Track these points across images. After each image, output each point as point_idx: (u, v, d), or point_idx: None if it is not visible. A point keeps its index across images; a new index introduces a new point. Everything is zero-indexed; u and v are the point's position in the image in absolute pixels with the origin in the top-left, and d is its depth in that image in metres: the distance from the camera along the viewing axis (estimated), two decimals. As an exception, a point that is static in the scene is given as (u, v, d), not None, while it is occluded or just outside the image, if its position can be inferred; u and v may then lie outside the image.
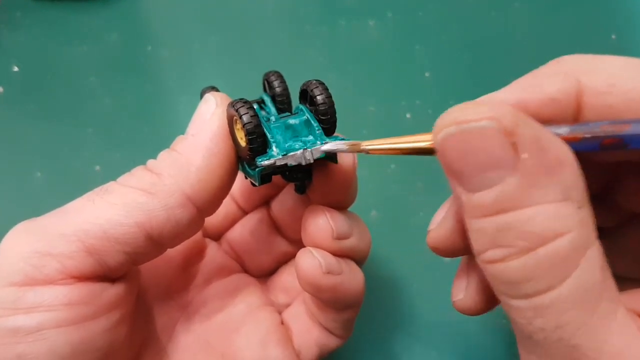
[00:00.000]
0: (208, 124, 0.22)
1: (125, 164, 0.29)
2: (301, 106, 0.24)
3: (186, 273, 0.28)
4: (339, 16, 0.48)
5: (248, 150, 0.22)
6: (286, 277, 0.29)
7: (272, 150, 0.22)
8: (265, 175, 0.23)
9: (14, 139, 0.43)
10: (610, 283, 0.16)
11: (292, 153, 0.22)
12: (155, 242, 0.21)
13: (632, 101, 0.17)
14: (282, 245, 0.29)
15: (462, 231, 0.20)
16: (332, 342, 0.27)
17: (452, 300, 0.23)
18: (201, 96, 0.25)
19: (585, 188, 0.16)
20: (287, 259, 0.30)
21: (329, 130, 0.23)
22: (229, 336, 0.27)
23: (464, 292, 0.22)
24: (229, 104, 0.23)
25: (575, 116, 0.18)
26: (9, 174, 0.41)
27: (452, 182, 0.17)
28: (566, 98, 0.18)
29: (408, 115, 0.43)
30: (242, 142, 0.22)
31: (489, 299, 0.22)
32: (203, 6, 0.49)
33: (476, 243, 0.17)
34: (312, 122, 0.23)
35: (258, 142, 0.22)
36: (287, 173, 0.24)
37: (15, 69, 0.46)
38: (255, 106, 0.24)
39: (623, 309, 0.16)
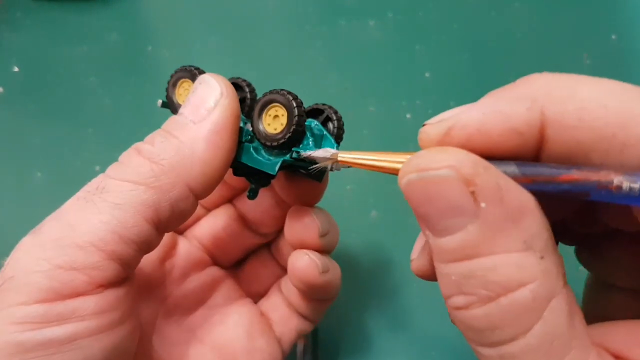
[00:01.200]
0: (214, 114, 0.21)
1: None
2: (315, 121, 0.24)
3: (162, 268, 0.28)
4: (339, 16, 0.48)
5: (282, 138, 0.22)
6: (256, 267, 0.31)
7: (309, 144, 0.22)
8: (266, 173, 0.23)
9: (14, 139, 0.43)
10: (581, 329, 0.16)
11: (325, 150, 0.22)
12: (161, 231, 0.21)
13: (602, 139, 0.16)
14: (250, 238, 0.30)
15: None
16: (308, 327, 0.30)
17: (411, 259, 0.23)
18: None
19: (550, 235, 0.16)
20: (254, 248, 0.31)
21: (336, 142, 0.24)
22: (215, 329, 0.28)
23: (417, 253, 0.22)
24: (271, 92, 0.22)
25: (539, 148, 0.18)
26: (9, 174, 0.41)
27: (420, 225, 0.17)
28: (530, 131, 0.17)
29: (408, 116, 0.43)
30: (272, 129, 0.22)
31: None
32: (203, 6, 0.49)
33: (443, 287, 0.17)
34: (330, 137, 0.23)
35: (299, 131, 0.22)
36: (256, 176, 0.24)
37: (16, 69, 0.46)
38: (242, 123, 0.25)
39: (595, 353, 0.16)
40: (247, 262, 0.31)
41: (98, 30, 0.47)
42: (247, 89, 0.25)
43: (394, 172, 0.19)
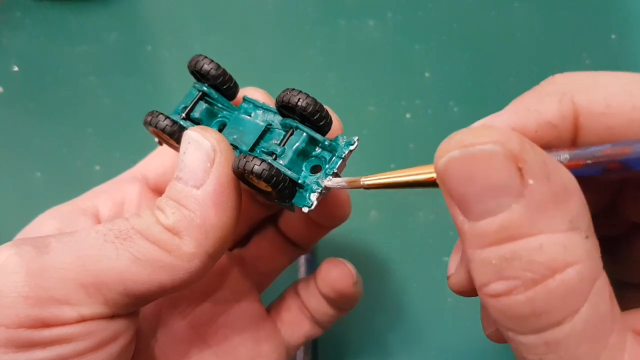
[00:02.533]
0: (214, 176, 0.21)
1: (125, 164, 0.29)
2: (293, 122, 0.23)
3: None
4: (339, 16, 0.48)
5: (277, 197, 0.22)
6: (263, 246, 0.30)
7: (306, 193, 0.22)
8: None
9: (14, 139, 0.43)
10: (617, 311, 0.16)
11: (323, 183, 0.22)
12: (169, 293, 0.21)
13: (631, 121, 0.17)
14: (257, 212, 0.29)
15: None
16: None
17: (447, 276, 0.22)
18: (192, 69, 0.24)
19: (590, 218, 0.16)
20: (260, 222, 0.30)
21: (326, 126, 0.22)
22: (221, 331, 0.27)
23: (495, 326, 0.21)
24: (233, 163, 0.21)
25: (574, 139, 0.18)
26: (9, 174, 0.41)
27: (453, 211, 0.17)
28: (564, 122, 0.17)
29: (408, 116, 0.43)
30: (263, 187, 0.21)
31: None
32: (203, 6, 0.49)
33: (478, 275, 0.16)
34: (315, 135, 0.22)
35: (286, 187, 0.21)
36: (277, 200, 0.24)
37: (15, 69, 0.46)
38: (205, 105, 0.24)
39: (631, 336, 0.16)
40: (252, 241, 0.30)
41: (98, 30, 0.47)
42: (214, 73, 0.23)
43: (425, 184, 0.19)
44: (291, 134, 0.22)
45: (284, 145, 0.22)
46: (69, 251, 0.20)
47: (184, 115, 0.24)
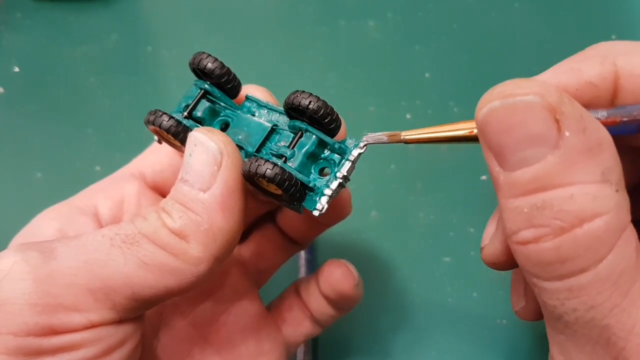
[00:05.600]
0: (221, 179, 0.21)
1: (125, 164, 0.29)
2: (302, 125, 0.22)
3: None
4: (339, 16, 0.48)
5: (286, 200, 0.21)
6: (262, 244, 0.30)
7: (316, 196, 0.21)
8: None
9: (14, 139, 0.43)
10: None
11: (333, 186, 0.21)
12: (176, 296, 0.21)
13: None
14: (255, 207, 0.29)
15: None
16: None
17: (514, 310, 0.23)
18: (194, 66, 0.23)
19: (622, 174, 0.17)
20: (257, 219, 0.30)
21: (336, 129, 0.22)
22: (223, 330, 0.27)
23: (524, 300, 0.22)
24: (243, 166, 0.21)
25: (612, 100, 0.19)
26: (9, 174, 0.41)
27: (489, 162, 0.17)
28: (604, 82, 0.18)
29: (408, 116, 0.43)
30: (272, 189, 0.21)
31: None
32: (203, 6, 0.49)
33: (509, 223, 0.17)
34: (325, 138, 0.22)
35: (297, 191, 0.21)
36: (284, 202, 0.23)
37: (16, 69, 0.46)
38: (207, 104, 0.24)
39: None
40: (251, 238, 0.30)
41: (98, 30, 0.47)
42: (217, 71, 0.23)
43: (463, 139, 0.19)
44: (300, 136, 0.22)
45: (293, 147, 0.22)
46: (75, 256, 0.20)
47: (185, 114, 0.23)
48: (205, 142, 0.21)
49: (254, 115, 0.24)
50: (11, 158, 0.42)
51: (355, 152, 0.22)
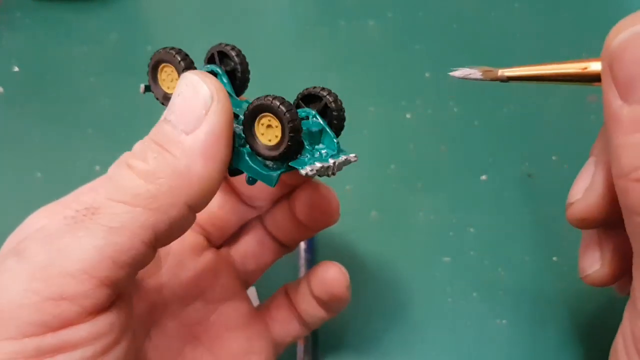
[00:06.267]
0: (207, 123, 0.20)
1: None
2: (313, 112, 0.22)
3: (157, 255, 0.27)
4: (339, 16, 0.48)
5: (279, 151, 0.20)
6: (252, 246, 0.29)
7: (307, 157, 0.21)
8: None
9: (14, 139, 0.43)
10: None
11: (325, 164, 0.21)
12: (158, 248, 0.21)
13: None
14: (245, 212, 0.29)
15: (612, 197, 0.20)
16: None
17: (584, 275, 0.23)
18: (213, 51, 0.23)
19: None
20: (245, 222, 0.30)
21: (340, 129, 0.23)
22: (213, 329, 0.27)
23: (599, 262, 0.22)
24: (258, 99, 0.20)
25: None
26: (9, 174, 0.41)
27: (610, 97, 0.17)
28: None
29: (408, 116, 0.43)
30: (266, 140, 0.20)
31: (623, 267, 0.22)
32: (203, 6, 0.49)
33: (630, 159, 0.16)
34: (329, 132, 0.22)
35: (297, 144, 0.20)
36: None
37: (16, 69, 0.46)
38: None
39: None
40: (241, 240, 0.30)
41: (98, 30, 0.47)
42: (236, 59, 0.23)
43: (573, 78, 0.19)
44: (306, 118, 0.22)
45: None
46: (45, 248, 0.19)
47: None
48: (197, 84, 0.20)
49: None
50: (11, 158, 0.42)
51: (352, 156, 0.22)
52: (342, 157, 0.22)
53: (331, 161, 0.21)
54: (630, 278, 0.20)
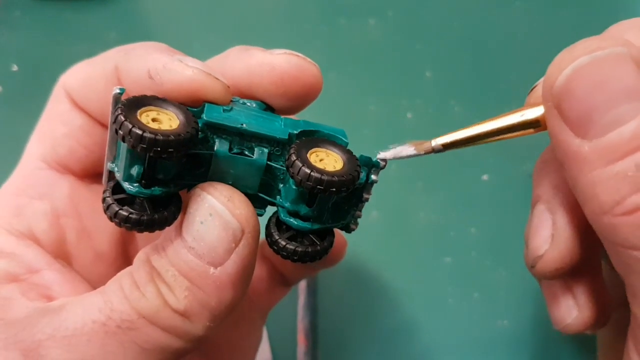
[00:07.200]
0: (238, 257, 0.18)
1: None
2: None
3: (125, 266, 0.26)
4: (339, 15, 0.48)
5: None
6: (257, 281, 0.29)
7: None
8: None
9: (13, 138, 0.42)
10: None
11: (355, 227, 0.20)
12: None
13: None
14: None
15: (583, 240, 0.19)
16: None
17: (563, 325, 0.21)
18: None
19: None
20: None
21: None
22: None
23: (575, 309, 0.21)
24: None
25: None
26: (9, 174, 0.41)
27: (564, 138, 0.16)
28: None
29: (409, 115, 0.43)
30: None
31: (599, 308, 0.21)
32: (202, 6, 0.49)
33: (607, 196, 0.15)
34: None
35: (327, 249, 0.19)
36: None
37: (15, 68, 0.46)
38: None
39: None
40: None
41: (97, 29, 0.47)
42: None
43: (514, 128, 0.18)
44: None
45: (312, 206, 0.19)
46: (66, 354, 0.17)
47: (144, 181, 0.17)
48: (224, 215, 0.17)
49: (230, 148, 0.18)
50: (10, 157, 0.42)
51: (368, 195, 0.20)
52: (365, 202, 0.21)
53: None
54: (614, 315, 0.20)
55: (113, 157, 0.18)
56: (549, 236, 0.20)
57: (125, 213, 0.17)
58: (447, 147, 0.18)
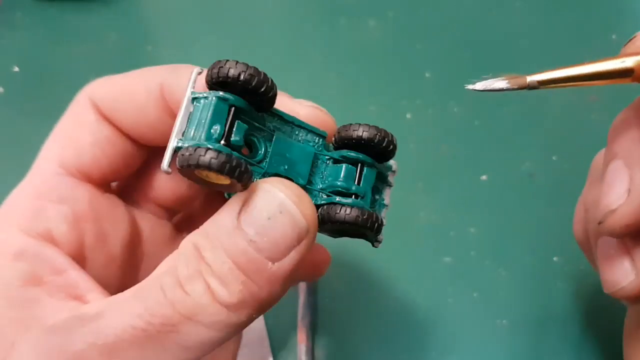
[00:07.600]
0: (296, 253, 0.18)
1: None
2: (365, 158, 0.21)
3: (133, 267, 0.24)
4: (339, 15, 0.48)
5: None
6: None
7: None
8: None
9: (14, 139, 0.43)
10: None
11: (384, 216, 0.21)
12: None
13: None
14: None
15: None
16: None
17: (617, 288, 0.21)
18: (214, 81, 0.18)
19: None
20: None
21: (392, 151, 0.21)
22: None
23: (633, 273, 0.20)
24: (320, 215, 0.19)
25: None
26: (9, 174, 0.41)
27: None
28: None
29: (408, 115, 0.43)
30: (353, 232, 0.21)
31: None
32: (203, 6, 0.49)
33: None
34: (382, 171, 0.22)
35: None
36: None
37: (16, 69, 0.46)
38: (244, 126, 0.19)
39: None
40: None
41: (98, 30, 0.47)
42: (241, 77, 0.18)
43: (613, 74, 0.17)
44: (362, 170, 0.21)
45: (359, 183, 0.20)
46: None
47: (223, 142, 0.18)
48: (295, 214, 0.18)
49: (289, 135, 0.20)
50: (10, 158, 0.42)
51: (391, 178, 0.22)
52: (389, 190, 0.23)
53: (385, 209, 0.22)
54: None
55: (182, 133, 0.19)
56: (625, 191, 0.20)
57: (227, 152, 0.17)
58: (542, 83, 0.18)
